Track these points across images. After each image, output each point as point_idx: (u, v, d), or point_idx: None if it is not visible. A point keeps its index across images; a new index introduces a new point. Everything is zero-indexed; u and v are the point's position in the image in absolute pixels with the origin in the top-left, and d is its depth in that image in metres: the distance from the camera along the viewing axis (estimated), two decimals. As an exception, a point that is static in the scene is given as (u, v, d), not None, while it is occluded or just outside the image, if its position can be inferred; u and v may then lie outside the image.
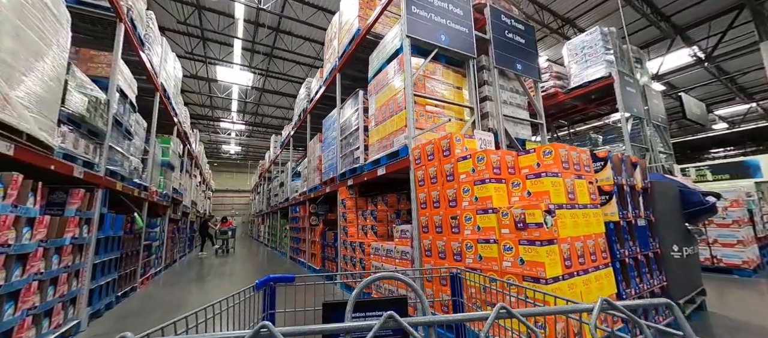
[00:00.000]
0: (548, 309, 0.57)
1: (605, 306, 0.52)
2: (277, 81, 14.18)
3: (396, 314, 0.46)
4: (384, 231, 4.11)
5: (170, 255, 8.50)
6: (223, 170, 30.87)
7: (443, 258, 2.42)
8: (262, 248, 13.43)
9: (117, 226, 4.21)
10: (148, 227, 6.62)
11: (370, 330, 0.46)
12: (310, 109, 7.38)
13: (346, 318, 0.59)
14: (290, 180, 9.44)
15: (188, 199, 11.14)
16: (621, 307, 0.52)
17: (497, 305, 0.50)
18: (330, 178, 5.55)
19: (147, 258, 6.08)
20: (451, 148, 2.49)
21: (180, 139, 8.90)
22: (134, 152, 5.00)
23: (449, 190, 2.44)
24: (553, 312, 0.57)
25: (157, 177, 6.44)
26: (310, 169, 7.16)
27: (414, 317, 0.50)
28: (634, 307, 0.54)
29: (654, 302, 0.57)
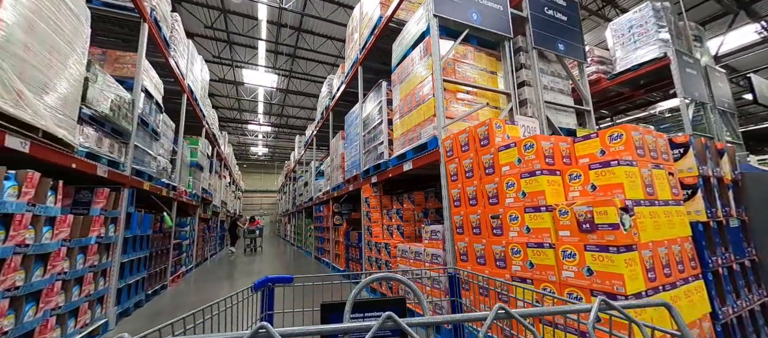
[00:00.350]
0: (546, 309, 0.54)
1: (603, 306, 0.51)
2: (300, 81, 14.30)
3: (394, 314, 0.46)
4: (411, 232, 3.82)
5: (201, 253, 8.74)
6: (252, 171, 31.98)
7: (483, 263, 2.09)
8: (289, 247, 13.60)
9: (145, 225, 4.25)
10: (178, 226, 6.78)
11: (369, 331, 0.45)
12: (332, 106, 7.23)
13: (345, 318, 0.58)
14: (314, 179, 9.39)
15: (218, 199, 11.48)
16: (618, 307, 0.52)
17: (496, 305, 0.49)
18: (353, 176, 5.34)
19: (177, 256, 6.21)
20: (489, 136, 2.15)
21: (208, 140, 9.12)
22: (162, 152, 5.08)
23: (489, 185, 2.10)
24: (551, 313, 0.54)
25: (185, 178, 6.57)
26: (332, 168, 7.01)
27: (412, 317, 0.49)
28: (631, 307, 0.54)
29: (650, 303, 0.56)
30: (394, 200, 4.33)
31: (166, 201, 5.50)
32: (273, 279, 1.21)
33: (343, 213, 6.87)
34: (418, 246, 3.03)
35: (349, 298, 0.64)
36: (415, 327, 0.47)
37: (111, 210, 3.24)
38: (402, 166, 3.51)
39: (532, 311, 0.52)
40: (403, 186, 5.21)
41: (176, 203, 5.75)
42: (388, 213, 4.18)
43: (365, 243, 4.57)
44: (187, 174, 6.79)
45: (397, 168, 3.65)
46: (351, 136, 5.65)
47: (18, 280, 1.99)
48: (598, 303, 0.51)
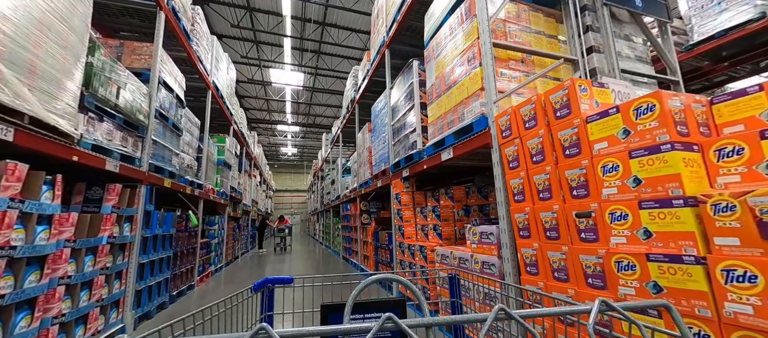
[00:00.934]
0: (547, 310, 0.52)
1: (603, 307, 0.50)
2: (326, 78, 14.14)
3: (394, 316, 0.46)
4: (450, 233, 3.27)
5: (231, 252, 8.76)
6: (283, 171, 32.81)
7: (563, 279, 1.51)
8: (317, 246, 13.49)
9: (167, 224, 4.08)
10: (207, 225, 6.73)
11: (369, 332, 0.44)
12: (358, 99, 6.82)
13: (345, 319, 0.56)
14: (340, 177, 9.07)
15: (248, 198, 11.59)
16: (619, 308, 0.50)
17: (496, 306, 0.48)
18: (381, 171, 4.88)
19: (206, 255, 6.13)
20: (571, 103, 1.56)
21: (236, 139, 9.13)
22: (185, 149, 4.94)
23: (571, 171, 1.52)
24: (552, 314, 0.52)
25: (213, 176, 6.49)
26: (359, 163, 6.60)
27: (412, 319, 0.48)
28: (631, 308, 0.52)
29: (651, 303, 0.54)
30: (428, 196, 3.79)
31: (192, 199, 5.39)
32: (273, 280, 1.20)
33: (371, 211, 6.44)
34: (462, 251, 2.49)
35: (349, 299, 0.62)
36: (414, 328, 0.46)
37: (126, 208, 3.03)
38: (439, 155, 2.97)
39: (531, 312, 0.51)
40: (437, 181, 4.66)
41: (202, 201, 5.64)
42: (422, 212, 3.66)
43: (396, 245, 4.08)
44: (214, 172, 6.72)
45: (433, 158, 3.12)
46: (378, 127, 5.18)
47: (2, 288, 1.74)
48: (598, 304, 0.49)
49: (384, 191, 5.82)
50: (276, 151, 27.48)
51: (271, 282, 1.19)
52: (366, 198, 6.55)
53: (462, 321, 0.49)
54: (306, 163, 31.22)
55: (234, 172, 8.54)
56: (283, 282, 1.19)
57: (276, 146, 25.04)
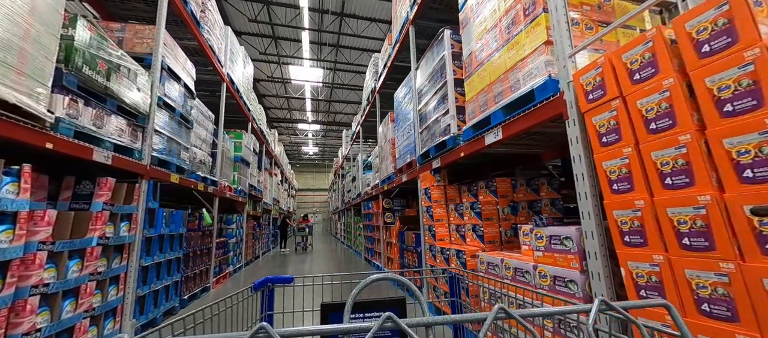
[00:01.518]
0: (547, 309, 0.51)
1: (603, 307, 0.49)
2: (345, 74, 13.78)
3: (394, 315, 0.46)
4: (494, 235, 2.68)
5: (251, 251, 8.57)
6: (305, 170, 33.10)
7: (729, 317, 0.91)
8: (339, 245, 13.18)
9: (176, 223, 3.78)
10: (224, 224, 6.50)
11: (369, 331, 0.44)
12: (379, 88, 6.31)
13: (345, 318, 0.56)
14: (361, 173, 8.63)
15: (269, 197, 11.45)
16: (619, 308, 0.50)
17: (496, 306, 0.48)
18: (406, 164, 4.34)
19: (223, 255, 5.88)
20: (735, 26, 0.95)
21: (255, 135, 8.93)
22: (198, 143, 4.66)
23: (740, 137, 0.91)
24: (552, 313, 0.51)
25: (229, 173, 6.25)
26: (381, 158, 6.10)
27: (412, 318, 0.47)
28: (631, 308, 0.52)
29: (651, 303, 0.53)
30: (464, 192, 3.21)
31: (207, 196, 5.13)
32: (273, 280, 1.19)
33: (394, 209, 5.92)
34: (519, 260, 1.90)
35: (349, 299, 0.61)
36: (414, 327, 0.46)
37: (122, 205, 2.70)
38: (482, 138, 2.39)
39: (531, 311, 0.50)
40: (471, 174, 4.05)
41: (218, 199, 5.37)
42: (457, 209, 3.08)
43: (426, 248, 3.53)
44: (231, 169, 6.48)
45: (473, 142, 2.54)
46: (402, 115, 4.65)
47: (-62, 304, 1.38)
48: (597, 304, 0.49)
49: (409, 187, 5.28)
50: (297, 150, 27.66)
51: (271, 281, 1.19)
52: (389, 195, 6.04)
53: (461, 321, 0.49)
54: (327, 162, 31.27)
55: (253, 170, 8.33)
56: (283, 282, 1.18)
57: (297, 145, 25.16)
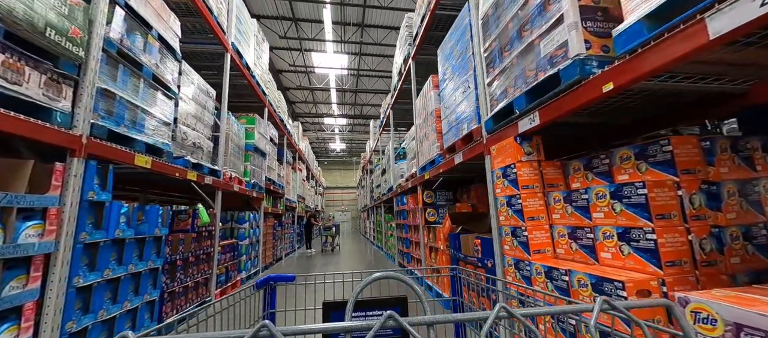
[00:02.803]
0: (548, 309, 0.52)
1: (605, 306, 0.50)
2: (372, 58, 12.61)
3: (396, 314, 0.46)
4: (679, 248, 1.32)
5: (271, 253, 7.68)
6: (333, 168, 32.61)
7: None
8: (368, 246, 12.09)
9: (151, 222, 2.79)
10: (236, 222, 5.58)
11: (370, 330, 0.45)
12: (415, 53, 5.02)
13: (346, 317, 0.56)
14: (392, 163, 7.40)
15: (293, 193, 10.62)
16: (621, 308, 0.50)
17: (497, 305, 0.48)
18: (462, 137, 3.02)
19: (231, 260, 4.94)
20: None
21: (274, 124, 8.04)
22: (189, 121, 3.69)
23: None
24: (554, 312, 0.52)
25: (238, 163, 5.30)
26: (419, 139, 4.82)
27: (414, 317, 0.48)
28: (634, 307, 0.52)
29: (653, 303, 0.54)
30: (581, 170, 1.85)
31: (207, 189, 4.17)
32: (275, 278, 1.19)
33: (438, 204, 4.61)
34: None
35: (351, 297, 0.61)
36: (416, 326, 0.46)
37: (20, 195, 1.68)
38: (663, 48, 1.04)
39: (533, 311, 0.50)
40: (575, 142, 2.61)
41: (220, 192, 4.41)
42: (570, 199, 1.74)
43: (506, 263, 2.20)
44: (241, 159, 5.53)
45: (637, 60, 1.19)
46: (453, 71, 3.33)
47: None
48: (599, 303, 0.48)
49: (464, 172, 3.97)
50: (324, 147, 27.11)
51: (273, 279, 1.19)
52: (430, 185, 4.75)
53: (463, 319, 0.48)
54: (355, 159, 30.49)
55: (271, 162, 7.42)
56: (285, 280, 1.18)
57: (324, 141, 24.54)
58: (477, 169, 3.08)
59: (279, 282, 1.19)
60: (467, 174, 4.57)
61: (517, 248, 2.06)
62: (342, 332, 0.47)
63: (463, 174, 4.46)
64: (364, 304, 0.95)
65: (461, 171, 4.04)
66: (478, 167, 2.77)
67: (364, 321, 0.48)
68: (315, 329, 0.46)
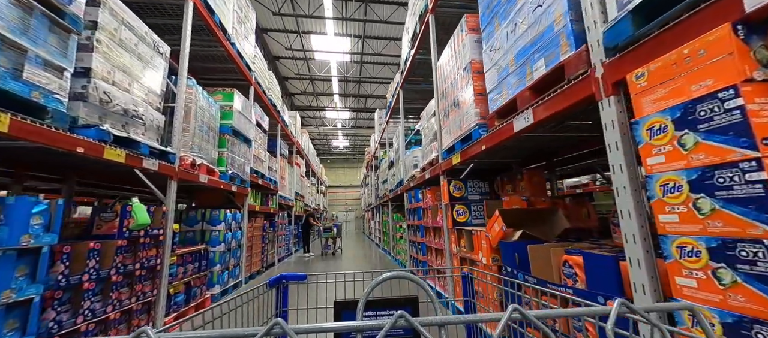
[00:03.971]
0: (563, 311, 0.49)
1: (623, 309, 0.47)
2: (377, 42, 11.42)
3: (407, 314, 0.46)
4: None
5: (260, 259, 6.53)
6: (336, 166, 31.52)
7: None
8: (374, 249, 10.91)
9: (18, 223, 1.64)
10: (207, 223, 4.43)
11: (381, 329, 0.45)
12: (434, 5, 3.82)
13: (358, 316, 0.55)
14: (403, 152, 6.21)
15: (289, 190, 9.49)
16: (640, 311, 0.47)
17: (510, 306, 0.45)
18: (536, 82, 1.81)
19: (198, 273, 3.79)
20: None
21: (265, 110, 6.90)
22: (116, 78, 2.54)
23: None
24: (569, 315, 0.49)
25: (208, 148, 4.15)
26: (443, 112, 3.61)
27: (425, 317, 0.47)
28: (653, 310, 0.50)
29: (674, 306, 0.51)
30: None
31: (157, 179, 3.02)
32: (287, 277, 1.23)
33: (470, 199, 3.40)
34: None
35: (362, 297, 0.60)
36: (427, 326, 0.45)
37: None
38: None
39: (547, 312, 0.48)
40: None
41: (175, 183, 3.25)
42: None
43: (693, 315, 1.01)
44: (215, 143, 4.39)
45: None
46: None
47: None
48: (617, 305, 0.46)
49: (507, 155, 2.81)
50: (327, 144, 26.02)
51: (285, 278, 1.22)
52: (457, 174, 3.55)
53: (475, 321, 0.48)
54: (358, 157, 29.36)
55: (259, 152, 6.27)
56: (297, 279, 1.21)
57: (326, 137, 23.42)
58: (536, 145, 1.88)
59: (291, 281, 1.23)
60: (505, 159, 3.37)
61: (731, 287, 0.86)
62: (353, 331, 0.46)
63: (503, 158, 3.27)
64: (375, 304, 0.97)
65: (508, 151, 2.85)
66: (541, 142, 1.59)
67: (375, 320, 0.47)
68: (326, 328, 0.46)
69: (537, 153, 3.30)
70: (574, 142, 2.70)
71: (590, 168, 4.79)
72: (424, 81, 6.35)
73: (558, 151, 3.18)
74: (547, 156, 3.43)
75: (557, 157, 3.31)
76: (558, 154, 3.27)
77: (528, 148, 2.89)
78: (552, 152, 3.29)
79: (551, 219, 2.40)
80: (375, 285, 0.62)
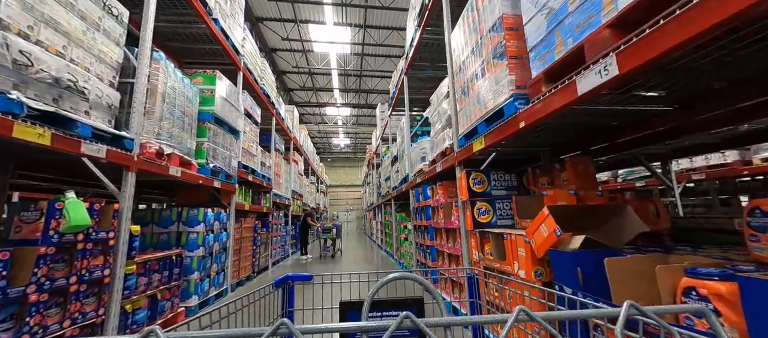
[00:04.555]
0: (571, 312, 0.49)
1: (633, 311, 0.46)
2: (379, 32, 10.82)
3: (412, 314, 0.46)
4: None
5: (250, 264, 5.94)
6: (337, 165, 30.95)
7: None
8: (375, 251, 10.30)
9: None
10: (183, 223, 3.85)
11: (387, 330, 0.44)
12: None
13: (363, 317, 0.57)
14: (408, 145, 5.61)
15: (285, 188, 8.90)
16: (650, 313, 0.46)
17: (516, 307, 0.45)
18: (618, 16, 1.20)
19: (167, 283, 3.20)
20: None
21: (257, 100, 6.31)
22: (39, 32, 1.95)
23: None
24: (576, 316, 0.49)
25: (184, 136, 3.56)
26: (461, 89, 3.00)
27: (430, 318, 0.47)
28: (664, 313, 0.49)
29: (685, 308, 0.52)
30: None
31: (111, 171, 2.43)
32: (293, 277, 1.22)
33: (494, 195, 2.77)
34: None
35: (367, 297, 0.62)
36: (432, 327, 0.45)
37: None
38: None
39: (555, 314, 0.48)
40: None
41: (133, 174, 2.66)
42: None
43: None
44: (193, 133, 3.80)
45: None
46: None
47: None
48: (626, 308, 0.46)
49: (542, 140, 2.22)
50: (328, 142, 25.45)
51: (291, 279, 1.21)
52: (476, 165, 2.94)
53: (480, 322, 0.47)
54: (360, 155, 28.78)
55: (248, 145, 5.69)
56: (302, 280, 1.20)
57: (327, 135, 22.84)
58: (580, 124, 1.28)
59: (297, 282, 1.22)
60: (532, 147, 2.77)
61: None
62: (359, 331, 0.46)
63: (528, 146, 2.67)
64: (381, 304, 0.96)
65: (543, 134, 2.25)
66: (590, 119, 1.22)
67: (380, 321, 0.47)
68: (332, 328, 0.46)
69: (574, 138, 2.68)
70: (629, 120, 2.09)
71: (627, 160, 4.17)
72: (431, 66, 5.75)
73: (597, 136, 2.55)
74: (584, 143, 2.81)
75: (596, 144, 2.68)
76: (597, 139, 2.64)
77: (573, 127, 2.28)
78: (590, 138, 2.66)
79: (615, 220, 1.78)
80: (380, 286, 0.62)
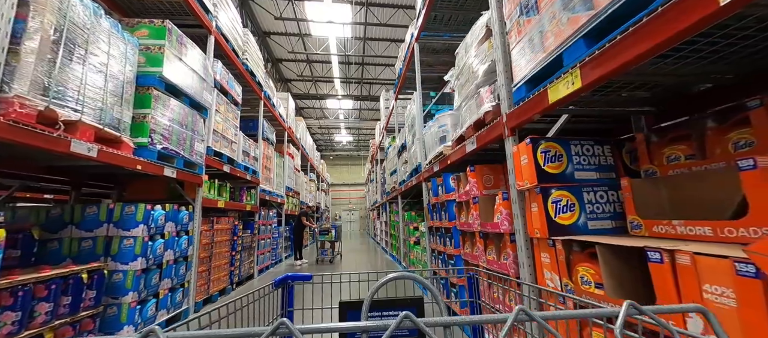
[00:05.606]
0: (570, 312, 0.49)
1: (632, 311, 0.46)
2: (382, 9, 9.75)
3: (412, 314, 0.45)
4: None
5: (230, 272, 4.90)
6: (339, 163, 29.96)
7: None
8: (379, 254, 9.24)
9: None
10: (116, 225, 2.80)
11: (387, 330, 0.43)
12: None
13: (362, 316, 0.56)
14: (420, 129, 4.53)
15: (277, 184, 7.87)
16: (650, 312, 0.46)
17: (516, 307, 0.45)
18: None
19: (74, 312, 2.15)
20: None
21: (239, 77, 5.27)
22: None
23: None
24: (575, 316, 0.48)
25: (113, 105, 2.50)
26: (518, 13, 1.91)
27: (430, 318, 0.47)
28: (664, 312, 0.49)
29: (685, 308, 0.49)
30: None
31: None
32: (292, 277, 1.22)
33: (578, 180, 1.68)
34: None
35: (367, 297, 0.61)
36: (432, 327, 0.45)
37: None
38: None
39: (554, 314, 0.48)
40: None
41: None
42: None
43: None
44: (130, 101, 2.74)
45: None
46: None
47: None
48: (626, 307, 0.46)
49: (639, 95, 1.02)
50: (329, 139, 24.44)
51: (290, 278, 1.21)
52: (542, 132, 1.84)
53: (480, 322, 0.47)
54: (362, 153, 27.76)
55: (224, 128, 4.64)
56: (302, 279, 1.21)
57: (328, 131, 21.82)
58: None
59: (296, 282, 1.22)
60: (616, 107, 1.68)
61: None
62: (358, 331, 0.46)
63: (611, 105, 1.57)
64: (380, 304, 0.97)
65: (650, 78, 1.11)
66: None
67: (380, 321, 0.47)
68: (332, 328, 0.46)
69: (680, 92, 1.58)
70: None
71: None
72: (447, 30, 4.67)
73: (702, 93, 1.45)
74: (683, 103, 1.69)
75: (702, 107, 1.57)
76: (705, 98, 1.54)
77: (685, 76, 1.18)
78: (692, 97, 1.56)
79: None
80: (380, 286, 0.62)
